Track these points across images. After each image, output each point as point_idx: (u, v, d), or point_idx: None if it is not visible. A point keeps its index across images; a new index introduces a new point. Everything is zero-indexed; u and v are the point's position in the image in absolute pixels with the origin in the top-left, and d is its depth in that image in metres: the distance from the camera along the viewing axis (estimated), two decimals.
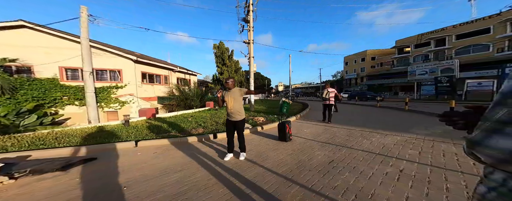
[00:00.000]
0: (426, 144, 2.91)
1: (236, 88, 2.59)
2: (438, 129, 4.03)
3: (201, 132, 4.31)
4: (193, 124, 5.25)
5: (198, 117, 6.42)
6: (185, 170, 2.30)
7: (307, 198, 1.53)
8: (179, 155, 2.86)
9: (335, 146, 2.99)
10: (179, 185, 1.93)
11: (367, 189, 1.56)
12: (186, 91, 10.98)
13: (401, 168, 1.97)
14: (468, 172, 1.87)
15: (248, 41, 8.75)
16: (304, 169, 2.12)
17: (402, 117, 6.15)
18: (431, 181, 1.64)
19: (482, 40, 20.02)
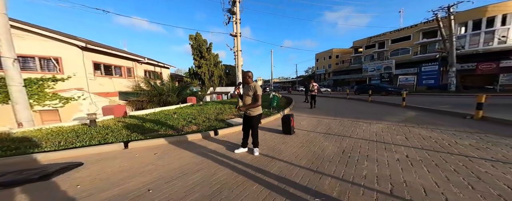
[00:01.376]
0: (404, 130, 3.22)
1: (253, 83, 2.31)
2: (401, 116, 4.58)
3: (195, 129, 3.80)
4: (181, 121, 4.56)
5: (183, 113, 5.66)
6: (203, 169, 1.99)
7: (345, 189, 1.42)
8: (186, 155, 2.46)
9: (336, 136, 3.02)
10: (208, 185, 1.66)
11: (396, 177, 1.55)
12: (159, 85, 9.18)
13: (406, 154, 2.06)
14: (454, 153, 2.07)
15: (235, 34, 8.07)
16: (324, 160, 2.03)
17: (369, 107, 6.82)
18: (438, 164, 1.75)
19: (405, 45, 24.35)
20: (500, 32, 17.77)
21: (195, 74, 20.81)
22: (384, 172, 1.67)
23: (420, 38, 22.73)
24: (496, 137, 2.58)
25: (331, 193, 1.39)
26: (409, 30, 23.81)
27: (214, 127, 3.89)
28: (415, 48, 23.26)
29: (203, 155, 2.42)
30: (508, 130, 2.94)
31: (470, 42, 18.83)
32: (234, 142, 2.96)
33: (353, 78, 29.31)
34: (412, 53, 23.33)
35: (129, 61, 10.11)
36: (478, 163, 1.74)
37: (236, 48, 8.05)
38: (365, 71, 23.35)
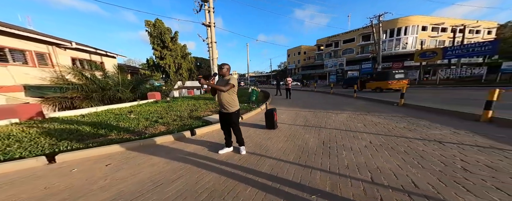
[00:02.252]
0: (361, 118, 3.76)
1: (229, 76, 2.02)
2: (354, 106, 5.38)
3: (164, 130, 3.15)
4: (142, 121, 3.73)
5: (144, 112, 4.68)
6: (184, 176, 1.65)
7: (336, 181, 1.44)
8: (157, 161, 2.00)
9: (314, 127, 3.17)
10: (193, 194, 1.37)
11: (370, 164, 1.69)
12: (101, 78, 7.06)
13: (369, 140, 2.35)
14: (398, 135, 2.50)
15: (208, 24, 7.08)
16: (309, 153, 2.05)
17: (332, 99, 7.71)
18: (393, 148, 2.06)
19: (351, 46, 29.17)
20: (403, 40, 23.85)
21: (156, 66, 17.41)
22: (360, 160, 1.82)
23: (360, 40, 27.45)
24: (415, 120, 3.39)
25: (324, 188, 1.37)
26: (354, 33, 28.21)
27: (189, 126, 3.31)
28: (357, 48, 28.06)
29: (181, 160, 2.02)
30: (420, 113, 3.91)
31: (387, 46, 24.34)
32: (216, 141, 2.62)
33: (317, 73, 32.87)
34: (356, 53, 28.12)
35: (41, 45, 7.11)
36: (416, 143, 2.19)
37: (210, 40, 7.10)
38: (326, 67, 26.53)
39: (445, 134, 2.48)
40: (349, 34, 29.05)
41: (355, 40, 28.36)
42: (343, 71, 23.30)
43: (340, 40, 30.82)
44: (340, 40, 30.74)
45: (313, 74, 33.90)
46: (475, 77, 13.58)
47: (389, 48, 24.08)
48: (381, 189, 1.29)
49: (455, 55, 14.22)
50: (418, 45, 21.87)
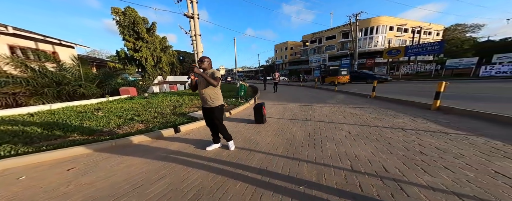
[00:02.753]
0: (341, 110, 4.03)
1: (212, 69, 1.90)
2: (336, 99, 5.75)
3: (142, 128, 2.88)
4: (114, 119, 3.34)
5: (116, 109, 4.23)
6: (168, 176, 1.55)
7: (321, 171, 1.51)
8: (134, 162, 1.85)
9: (300, 120, 3.28)
10: (179, 193, 1.29)
11: (349, 152, 1.83)
12: (56, 71, 5.80)
13: (348, 131, 2.54)
14: (371, 125, 2.76)
15: (192, 15, 6.41)
16: (297, 146, 2.11)
17: (317, 92, 8.07)
18: (367, 137, 2.27)
19: (333, 42, 30.61)
20: (375, 39, 26.00)
21: (129, 59, 15.29)
22: (342, 149, 1.96)
23: (340, 37, 28.85)
24: (384, 110, 3.80)
25: (311, 178, 1.43)
26: (335, 30, 29.37)
27: (172, 123, 3.07)
28: (338, 45, 29.52)
29: (163, 159, 1.89)
30: (387, 104, 4.38)
31: (362, 44, 26.26)
32: (203, 138, 2.51)
33: (302, 68, 33.79)
34: (336, 49, 29.60)
35: None
36: (384, 131, 2.46)
37: (193, 32, 6.46)
38: (311, 62, 27.43)
39: (406, 122, 2.84)
40: (331, 31, 30.13)
41: (336, 37, 29.65)
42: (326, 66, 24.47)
43: (323, 36, 31.82)
44: (323, 36, 31.74)
45: (299, 69, 34.86)
46: (427, 72, 15.95)
47: (363, 46, 25.94)
48: (359, 176, 1.41)
49: (414, 53, 16.18)
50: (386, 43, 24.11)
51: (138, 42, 14.93)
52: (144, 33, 15.02)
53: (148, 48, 15.44)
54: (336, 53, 28.74)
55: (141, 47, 14.84)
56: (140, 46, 14.74)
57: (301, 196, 1.22)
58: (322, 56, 25.74)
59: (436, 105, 3.45)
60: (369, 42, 25.92)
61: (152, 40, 15.90)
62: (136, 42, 14.73)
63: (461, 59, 15.11)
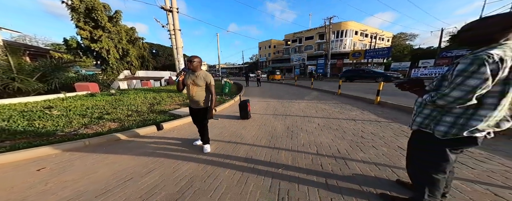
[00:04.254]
0: (315, 105, 4.67)
1: (202, 71, 1.84)
2: (311, 96, 6.52)
3: (116, 127, 2.70)
4: (77, 119, 2.99)
5: (76, 107, 3.71)
6: (157, 169, 1.63)
7: (295, 156, 1.87)
8: (115, 160, 1.86)
9: (281, 115, 3.68)
10: (172, 182, 1.42)
11: (317, 140, 2.28)
12: None
13: (318, 123, 3.08)
14: (335, 117, 3.38)
15: (170, 8, 5.80)
16: (277, 137, 2.45)
17: (297, 90, 8.77)
18: (331, 127, 2.82)
19: (311, 43, 32.70)
20: (344, 41, 29.20)
21: (84, 49, 12.80)
22: (311, 138, 2.41)
23: (317, 38, 30.97)
24: (344, 105, 4.61)
25: (287, 162, 1.78)
26: (313, 31, 31.21)
27: (153, 121, 2.99)
28: (315, 46, 31.68)
29: (150, 155, 1.95)
30: (347, 100, 5.31)
31: (335, 45, 29.08)
32: (189, 135, 2.56)
33: (284, 66, 34.97)
34: (314, 50, 31.76)
35: None
36: (342, 122, 3.10)
37: (172, 26, 5.85)
38: (292, 61, 28.67)
39: (357, 114, 3.62)
40: (309, 32, 31.85)
41: (313, 38, 31.60)
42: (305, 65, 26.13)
43: (303, 37, 33.35)
44: (303, 37, 33.30)
45: (282, 67, 36.01)
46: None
47: (335, 48, 28.74)
48: (321, 158, 1.85)
49: (371, 56, 19.10)
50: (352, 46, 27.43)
51: (96, 31, 12.29)
52: (106, 22, 12.42)
53: (111, 39, 12.95)
54: (313, 53, 30.85)
55: (100, 37, 12.22)
56: (99, 36, 12.11)
57: (280, 176, 1.55)
58: (301, 56, 27.27)
59: (377, 100, 4.44)
60: (340, 44, 28.82)
61: (116, 30, 13.36)
62: (94, 31, 12.12)
63: (400, 63, 18.83)
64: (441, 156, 0.87)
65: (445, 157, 0.87)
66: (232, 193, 1.32)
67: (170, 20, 5.78)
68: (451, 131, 0.80)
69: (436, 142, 0.85)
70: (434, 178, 0.91)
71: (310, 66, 25.35)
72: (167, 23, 5.79)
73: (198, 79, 1.78)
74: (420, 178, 0.98)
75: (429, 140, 0.88)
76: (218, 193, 1.31)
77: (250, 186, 1.40)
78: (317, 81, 13.33)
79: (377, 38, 23.50)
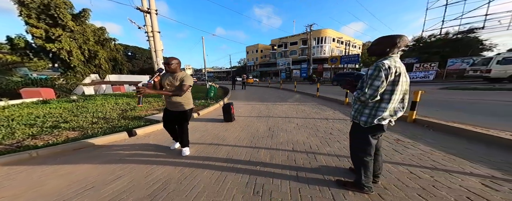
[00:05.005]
0: (295, 107, 5.00)
1: (182, 74, 1.77)
2: (294, 98, 7.00)
3: (76, 136, 2.44)
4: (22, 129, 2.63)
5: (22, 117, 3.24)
6: (127, 175, 1.54)
7: (273, 154, 2.01)
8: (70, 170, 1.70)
9: (265, 117, 3.86)
10: (144, 185, 1.37)
11: (294, 139, 2.49)
12: None
13: (297, 123, 3.36)
14: (312, 117, 3.75)
15: (148, 10, 5.52)
16: (259, 137, 2.59)
17: (281, 93, 9.21)
18: (307, 126, 3.11)
19: (295, 48, 34.84)
20: (324, 47, 32.04)
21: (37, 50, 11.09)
22: (289, 137, 2.62)
23: (301, 44, 33.20)
24: (321, 106, 5.10)
25: (266, 160, 1.91)
26: (297, 37, 33.38)
27: (124, 127, 2.80)
28: (299, 51, 33.82)
29: (118, 162, 1.85)
30: (324, 102, 5.89)
31: (316, 51, 31.63)
32: (165, 140, 2.46)
33: (271, 70, 36.10)
34: (298, 54, 33.82)
35: None
36: (317, 121, 3.43)
37: (151, 28, 5.52)
38: (278, 65, 29.87)
39: (330, 114, 4.06)
40: (294, 38, 33.95)
41: (297, 44, 33.77)
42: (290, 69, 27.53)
43: (288, 42, 35.29)
44: (288, 42, 35.24)
45: (269, 71, 37.04)
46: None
47: (317, 53, 31.25)
48: (296, 154, 2.05)
49: (345, 62, 21.41)
50: (330, 52, 30.31)
51: (54, 30, 10.70)
52: (68, 20, 10.98)
53: (74, 39, 11.46)
54: (298, 57, 32.84)
55: (60, 37, 10.67)
56: (58, 35, 10.60)
57: (257, 173, 1.66)
58: (287, 60, 28.73)
59: (346, 101, 5.07)
60: (320, 50, 31.46)
61: (81, 29, 11.91)
62: (52, 30, 10.57)
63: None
64: (366, 141, 1.13)
65: (369, 142, 1.13)
66: (209, 191, 1.37)
67: (148, 22, 5.43)
68: (368, 120, 1.07)
69: (362, 130, 1.12)
70: (364, 161, 1.15)
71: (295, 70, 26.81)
72: (144, 25, 5.44)
73: (175, 81, 1.73)
74: (356, 162, 1.24)
75: (357, 129, 1.15)
76: (195, 193, 1.35)
77: (228, 183, 1.48)
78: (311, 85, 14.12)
79: (350, 45, 26.61)
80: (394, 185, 1.34)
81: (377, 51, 1.05)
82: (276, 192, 1.35)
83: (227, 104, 3.68)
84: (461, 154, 1.81)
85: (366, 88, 1.00)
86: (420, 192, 1.24)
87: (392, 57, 1.00)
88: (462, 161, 1.65)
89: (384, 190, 1.27)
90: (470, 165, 1.59)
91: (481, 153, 1.82)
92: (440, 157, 1.76)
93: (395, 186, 1.33)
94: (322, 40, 31.02)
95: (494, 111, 3.43)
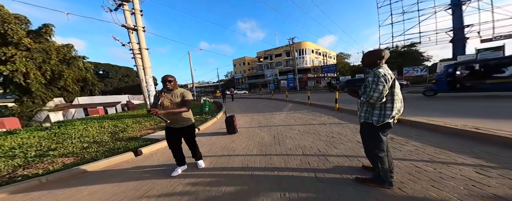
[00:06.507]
0: (292, 115, 5.31)
1: (180, 90, 1.84)
2: (288, 107, 7.39)
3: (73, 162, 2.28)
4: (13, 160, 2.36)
5: None
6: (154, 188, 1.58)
7: (286, 160, 2.11)
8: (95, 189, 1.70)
9: (266, 127, 4.00)
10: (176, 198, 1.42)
11: (301, 144, 2.66)
12: None
13: (298, 130, 3.57)
14: (310, 123, 4.04)
15: (134, 27, 5.53)
16: (267, 146, 2.68)
17: (274, 103, 9.60)
18: (309, 131, 3.34)
19: (280, 59, 37.80)
20: (305, 58, 35.68)
21: None
22: (296, 143, 2.78)
23: (285, 56, 36.33)
24: (315, 112, 5.53)
25: (280, 165, 2.00)
26: (281, 49, 36.59)
27: (126, 148, 2.67)
28: (284, 62, 36.72)
29: (137, 179, 1.85)
30: (316, 108, 6.41)
31: (299, 62, 34.86)
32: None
33: (260, 82, 37.55)
34: (283, 66, 36.58)
35: None
36: (317, 127, 3.73)
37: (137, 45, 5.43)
38: (266, 77, 31.46)
39: (325, 119, 4.46)
40: (278, 50, 37.14)
41: (282, 55, 36.88)
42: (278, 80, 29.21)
43: (273, 54, 38.27)
44: (273, 54, 38.23)
45: (257, 83, 38.43)
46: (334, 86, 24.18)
47: (300, 64, 34.50)
48: (307, 157, 2.20)
49: (325, 71, 24.19)
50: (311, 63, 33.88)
51: (5, 49, 9.11)
52: (23, 37, 9.65)
53: (31, 59, 9.93)
54: (283, 68, 35.43)
55: (13, 57, 9.21)
56: (10, 55, 9.17)
57: (276, 178, 1.73)
58: (274, 71, 30.69)
59: (336, 107, 5.68)
60: (302, 61, 34.91)
61: (40, 47, 10.53)
62: (3, 49, 9.08)
63: (345, 77, 24.75)
64: (379, 138, 1.35)
65: (381, 139, 1.33)
66: (236, 197, 1.39)
67: (133, 39, 5.33)
68: (380, 119, 1.28)
69: (374, 129, 1.34)
70: (380, 156, 1.31)
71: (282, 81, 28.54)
72: (129, 42, 5.30)
73: (176, 98, 1.78)
74: (372, 158, 1.41)
75: (370, 128, 1.37)
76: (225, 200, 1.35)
77: (252, 190, 1.51)
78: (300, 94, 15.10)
79: (327, 56, 30.44)
80: (408, 179, 1.45)
81: (369, 62, 1.32)
82: (302, 193, 1.44)
83: (230, 116, 3.73)
84: (445, 146, 2.05)
85: (371, 92, 1.18)
86: (432, 183, 1.35)
87: (382, 66, 1.25)
88: (451, 154, 1.86)
89: (401, 184, 1.37)
90: (458, 156, 1.79)
91: (457, 144, 2.09)
92: (433, 151, 1.99)
93: (409, 180, 1.43)
94: (303, 51, 34.77)
95: (443, 109, 4.37)
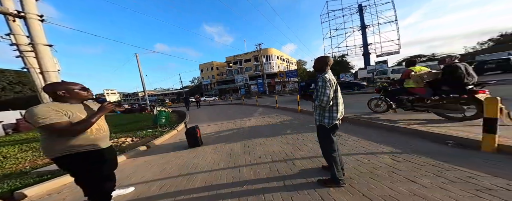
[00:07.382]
0: (262, 119, 5.37)
1: None
2: (258, 112, 7.57)
3: None
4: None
5: None
6: None
7: (256, 169, 2.03)
8: None
9: (236, 135, 3.79)
10: None
11: (270, 150, 2.66)
12: None
13: (267, 134, 3.59)
14: (284, 126, 4.22)
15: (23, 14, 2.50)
16: (236, 156, 2.52)
17: (246, 108, 9.58)
18: (276, 135, 3.45)
19: (249, 65, 39.22)
20: (272, 64, 39.06)
21: None
22: (266, 149, 2.75)
23: (254, 61, 38.00)
24: (281, 115, 5.90)
25: (249, 177, 1.88)
26: (249, 54, 38.02)
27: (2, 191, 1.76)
28: (253, 67, 38.23)
29: None
30: (284, 112, 6.89)
31: (267, 67, 37.58)
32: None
33: (230, 87, 36.54)
34: (253, 71, 37.98)
35: None
36: (283, 130, 3.98)
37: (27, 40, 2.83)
38: (237, 82, 31.16)
39: (291, 122, 4.87)
40: (247, 55, 38.30)
41: (251, 61, 38.28)
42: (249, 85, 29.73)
43: (242, 59, 38.94)
44: (242, 59, 38.93)
45: (227, 88, 37.28)
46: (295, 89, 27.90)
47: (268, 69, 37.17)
48: (276, 164, 2.20)
49: (289, 76, 27.55)
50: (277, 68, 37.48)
51: None
52: None
53: None
54: (253, 73, 36.72)
55: None
56: None
57: (245, 193, 1.58)
58: (244, 76, 31.12)
59: (299, 109, 6.44)
60: (270, 66, 37.85)
61: None
62: None
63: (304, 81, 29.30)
64: (331, 139, 1.54)
65: (332, 139, 1.56)
66: None
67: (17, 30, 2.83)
68: (330, 121, 1.49)
69: (326, 131, 1.52)
70: (333, 156, 1.46)
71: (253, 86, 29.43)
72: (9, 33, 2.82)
73: (95, 107, 1.37)
74: (328, 158, 1.57)
75: (323, 130, 1.54)
76: None
77: None
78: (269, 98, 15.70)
79: (289, 62, 34.82)
80: (354, 174, 1.63)
81: (319, 67, 1.46)
82: None
83: (192, 127, 3.23)
84: (370, 138, 2.58)
85: (322, 96, 1.32)
86: (372, 175, 1.57)
87: (328, 72, 1.41)
88: (376, 145, 2.29)
89: (350, 180, 1.54)
90: (381, 147, 2.20)
91: (376, 135, 2.71)
92: (367, 144, 2.39)
93: (355, 174, 1.62)
94: (270, 57, 37.83)
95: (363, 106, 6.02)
